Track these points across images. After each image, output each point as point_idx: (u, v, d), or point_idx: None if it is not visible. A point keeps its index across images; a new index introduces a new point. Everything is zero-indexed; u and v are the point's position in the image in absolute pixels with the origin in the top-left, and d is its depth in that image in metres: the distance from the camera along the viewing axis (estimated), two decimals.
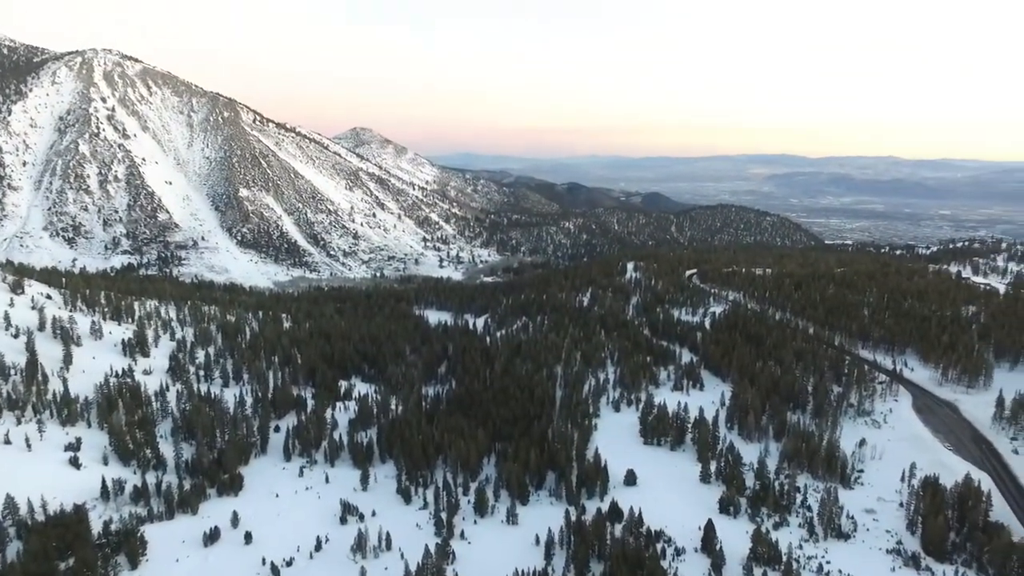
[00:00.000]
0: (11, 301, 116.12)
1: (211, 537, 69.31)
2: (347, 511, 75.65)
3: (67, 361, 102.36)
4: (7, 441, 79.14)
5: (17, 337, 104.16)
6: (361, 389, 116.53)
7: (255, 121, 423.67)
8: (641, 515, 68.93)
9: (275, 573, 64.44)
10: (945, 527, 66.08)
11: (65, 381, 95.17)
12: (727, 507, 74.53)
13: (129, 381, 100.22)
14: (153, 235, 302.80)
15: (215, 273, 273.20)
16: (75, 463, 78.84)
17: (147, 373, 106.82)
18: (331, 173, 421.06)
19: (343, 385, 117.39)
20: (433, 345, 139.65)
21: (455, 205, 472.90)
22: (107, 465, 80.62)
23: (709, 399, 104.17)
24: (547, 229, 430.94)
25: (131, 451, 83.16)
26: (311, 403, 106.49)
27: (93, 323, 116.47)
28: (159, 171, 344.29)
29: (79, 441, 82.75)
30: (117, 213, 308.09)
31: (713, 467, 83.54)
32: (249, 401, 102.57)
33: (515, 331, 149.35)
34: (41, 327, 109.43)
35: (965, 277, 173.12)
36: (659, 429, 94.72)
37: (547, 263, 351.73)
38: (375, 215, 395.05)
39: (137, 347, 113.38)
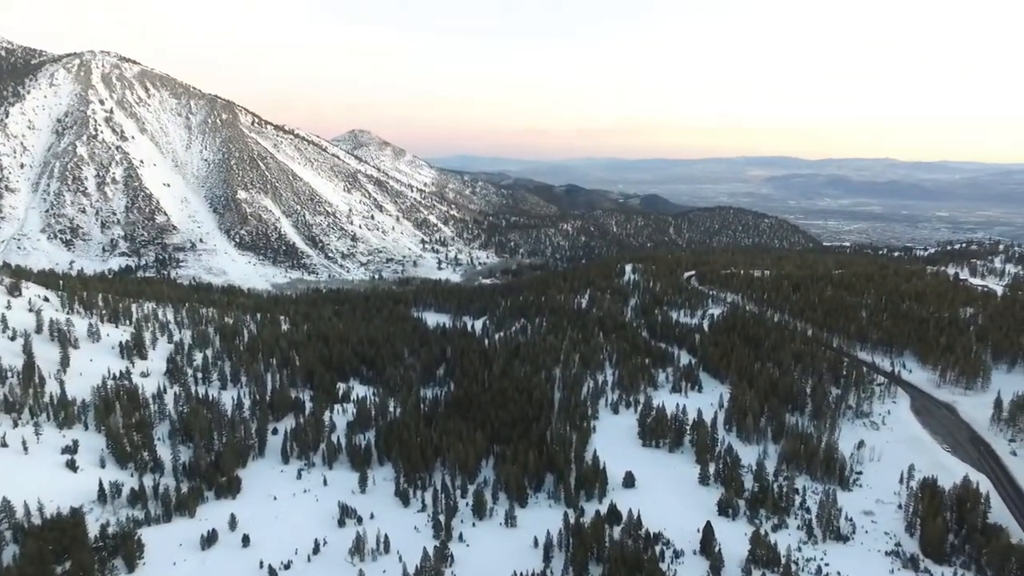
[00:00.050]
0: (8, 304, 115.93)
1: (208, 540, 69.12)
2: (345, 514, 75.49)
3: (64, 363, 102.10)
4: (4, 444, 78.79)
5: (14, 339, 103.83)
6: (359, 391, 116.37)
7: (253, 123, 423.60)
8: (640, 517, 69.00)
9: None
10: (944, 529, 66.17)
11: (62, 383, 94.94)
12: (726, 509, 74.62)
13: (126, 383, 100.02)
14: (151, 237, 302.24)
15: (213, 275, 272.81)
16: (72, 466, 78.56)
17: (145, 375, 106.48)
18: (329, 175, 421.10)
19: (341, 387, 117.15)
20: (431, 347, 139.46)
21: (453, 207, 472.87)
22: (104, 468, 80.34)
23: (707, 401, 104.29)
24: (545, 231, 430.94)
25: (128, 454, 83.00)
26: (309, 405, 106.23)
27: (90, 325, 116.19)
28: (157, 173, 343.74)
29: (76, 444, 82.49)
30: (115, 215, 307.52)
31: (712, 469, 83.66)
32: (247, 403, 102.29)
33: (513, 333, 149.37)
34: (38, 329, 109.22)
35: (963, 279, 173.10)
36: (658, 431, 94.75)
37: (545, 265, 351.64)
38: (373, 217, 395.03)
39: (135, 349, 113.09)
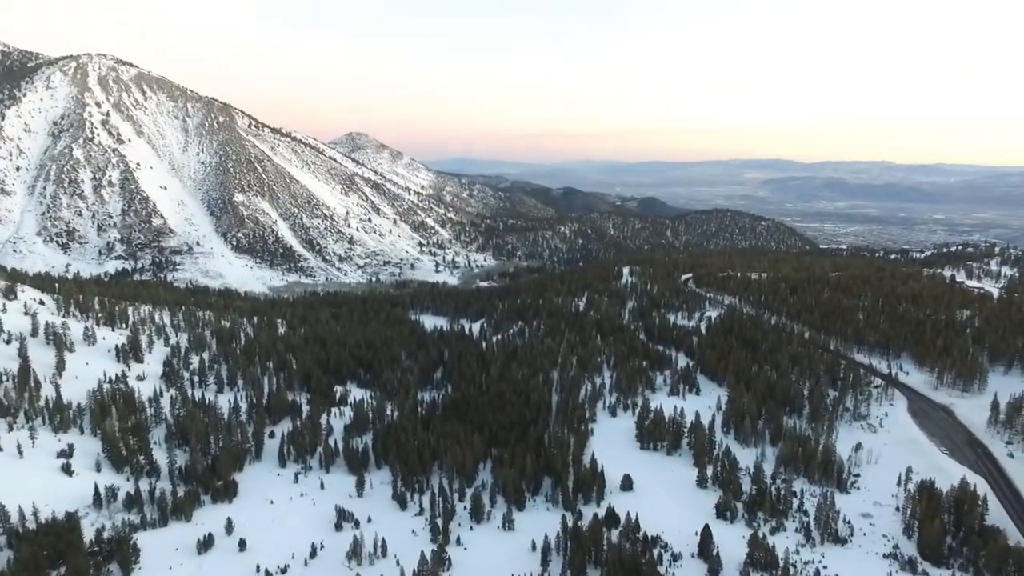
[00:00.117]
0: (3, 307, 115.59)
1: (205, 544, 68.77)
2: (342, 517, 75.21)
3: (60, 367, 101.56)
4: None
5: (9, 343, 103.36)
6: (356, 395, 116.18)
7: (250, 126, 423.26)
8: (638, 520, 68.88)
9: None
10: (941, 531, 66.16)
11: (58, 387, 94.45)
12: (724, 512, 74.56)
13: (122, 387, 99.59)
14: (147, 240, 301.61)
15: (210, 278, 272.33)
16: (67, 470, 78.13)
17: (141, 379, 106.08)
18: (326, 178, 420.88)
19: (338, 391, 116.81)
20: (429, 350, 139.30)
21: (451, 210, 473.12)
22: (100, 472, 79.93)
23: (705, 403, 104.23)
24: (543, 234, 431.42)
25: (124, 458, 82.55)
26: (306, 409, 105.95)
27: (86, 329, 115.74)
28: (154, 176, 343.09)
29: (72, 448, 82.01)
30: (111, 218, 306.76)
31: (709, 472, 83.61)
32: (244, 407, 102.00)
33: (511, 336, 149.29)
34: (34, 333, 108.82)
35: (959, 281, 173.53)
36: (655, 434, 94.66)
37: (543, 268, 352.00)
38: (371, 220, 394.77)
39: (131, 353, 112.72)
